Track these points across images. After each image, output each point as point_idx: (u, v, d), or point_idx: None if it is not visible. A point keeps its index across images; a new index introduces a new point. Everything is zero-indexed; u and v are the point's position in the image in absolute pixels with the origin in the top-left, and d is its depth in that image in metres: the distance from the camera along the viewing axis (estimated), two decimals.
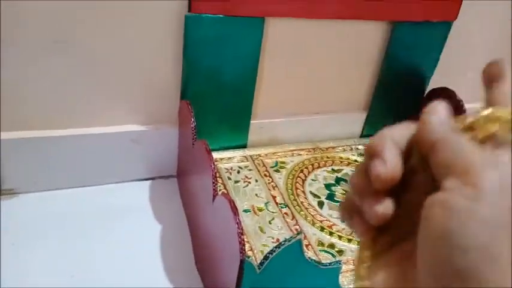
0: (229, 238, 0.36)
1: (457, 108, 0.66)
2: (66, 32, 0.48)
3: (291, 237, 0.35)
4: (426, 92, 0.71)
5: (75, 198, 0.55)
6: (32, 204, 0.53)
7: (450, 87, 0.68)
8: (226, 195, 0.37)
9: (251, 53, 0.56)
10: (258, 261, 0.36)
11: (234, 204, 0.36)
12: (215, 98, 0.57)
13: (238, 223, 0.35)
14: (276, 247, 0.35)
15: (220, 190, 0.54)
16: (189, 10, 0.49)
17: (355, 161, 0.65)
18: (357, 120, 0.70)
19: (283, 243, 0.35)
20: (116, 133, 0.56)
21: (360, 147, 0.69)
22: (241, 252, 0.34)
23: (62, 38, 0.48)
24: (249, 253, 0.46)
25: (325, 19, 0.58)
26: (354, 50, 0.64)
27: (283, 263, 0.36)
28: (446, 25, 0.65)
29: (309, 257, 0.37)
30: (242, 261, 0.34)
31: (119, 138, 0.56)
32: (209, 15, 0.51)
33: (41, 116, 0.52)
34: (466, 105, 0.66)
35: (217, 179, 0.56)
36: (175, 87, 0.56)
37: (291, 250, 0.35)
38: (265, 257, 0.35)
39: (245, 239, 0.47)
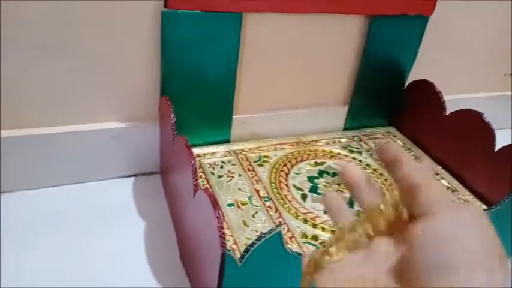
0: (210, 232, 0.36)
1: (437, 99, 0.67)
2: (47, 36, 0.47)
3: (271, 229, 0.35)
4: (406, 84, 0.72)
5: (58, 197, 0.55)
6: (12, 203, 0.52)
7: (429, 79, 0.69)
8: (207, 190, 0.37)
9: (231, 48, 0.56)
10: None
11: (215, 198, 0.36)
12: (196, 93, 0.57)
13: (219, 217, 0.35)
14: (256, 240, 0.35)
15: (203, 185, 0.54)
16: (165, 6, 0.49)
17: (338, 153, 0.66)
18: (339, 114, 0.71)
19: (263, 235, 0.35)
20: (96, 130, 0.56)
21: (343, 140, 0.70)
22: (221, 246, 0.34)
23: (43, 43, 0.47)
24: (234, 246, 0.46)
25: (303, 13, 0.58)
26: (333, 44, 0.64)
27: (264, 255, 0.36)
28: (423, 19, 0.66)
29: (290, 249, 0.37)
30: (223, 255, 0.34)
31: (99, 135, 0.56)
32: (185, 11, 0.50)
33: (20, 115, 0.51)
34: (445, 97, 0.67)
35: (200, 174, 0.56)
36: (154, 84, 0.56)
37: (272, 242, 0.35)
38: (246, 250, 0.35)
39: (229, 233, 0.48)
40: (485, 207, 0.59)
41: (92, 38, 0.50)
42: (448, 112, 0.66)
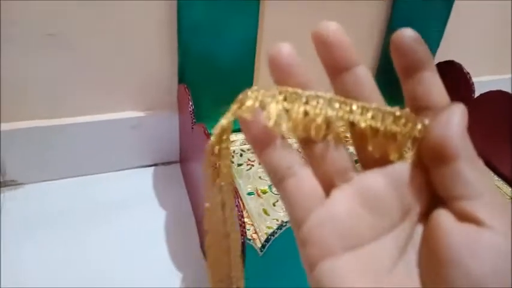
0: None
1: (465, 81, 0.64)
2: (61, 25, 0.47)
3: None
4: None
5: (78, 188, 0.55)
6: (35, 194, 0.53)
7: (457, 60, 0.66)
8: None
9: (248, 34, 0.55)
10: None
11: (234, 187, 0.35)
12: (214, 81, 0.56)
13: (238, 206, 0.34)
14: (277, 229, 0.34)
15: None
16: None
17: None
18: None
19: (284, 224, 0.34)
20: (116, 120, 0.55)
21: None
22: (242, 235, 0.34)
23: (57, 31, 0.47)
24: (254, 236, 0.45)
25: None
26: (355, 28, 0.62)
27: (285, 244, 0.35)
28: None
29: None
30: (243, 244, 0.34)
31: (119, 125, 0.56)
32: None
33: (40, 106, 0.52)
34: (474, 79, 0.64)
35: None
36: (172, 72, 0.55)
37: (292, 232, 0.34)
38: (267, 239, 0.34)
39: (249, 222, 0.47)
40: None
41: (110, 31, 0.49)
42: (476, 94, 0.63)
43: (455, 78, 0.65)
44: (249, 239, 0.34)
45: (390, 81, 0.76)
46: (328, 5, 0.58)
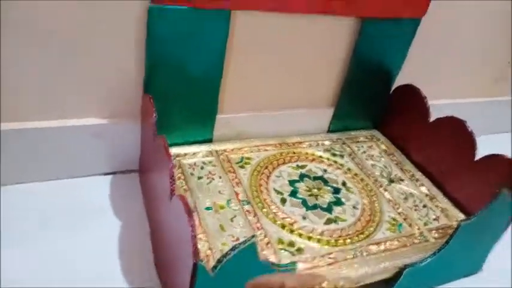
0: (183, 240, 0.36)
1: (422, 105, 0.67)
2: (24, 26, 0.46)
3: (245, 240, 0.35)
4: (392, 89, 0.72)
5: (35, 193, 0.54)
6: None
7: (417, 83, 0.69)
8: (182, 196, 0.37)
9: (217, 46, 0.55)
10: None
11: (189, 206, 0.35)
12: (180, 91, 0.56)
13: (192, 226, 0.34)
14: (230, 250, 0.34)
15: (181, 187, 0.54)
16: (152, 1, 0.48)
17: (320, 156, 0.65)
18: (325, 116, 0.71)
19: (237, 246, 0.34)
20: (77, 126, 0.54)
21: (326, 142, 0.69)
22: (194, 256, 0.34)
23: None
24: (208, 252, 0.46)
25: (293, 13, 0.57)
26: (322, 45, 0.63)
27: (238, 266, 0.36)
28: (415, 21, 0.66)
29: (264, 259, 0.37)
30: (195, 264, 0.34)
31: (79, 131, 0.55)
32: (173, 6, 0.49)
33: (6, 108, 0.50)
34: (432, 101, 0.67)
35: (179, 175, 0.56)
36: (138, 81, 0.54)
37: (246, 253, 0.35)
38: (219, 261, 0.35)
39: (204, 238, 0.47)
40: (462, 216, 0.59)
41: (76, 33, 0.48)
42: (433, 117, 0.66)
43: (413, 101, 0.68)
44: (201, 260, 0.34)
45: (354, 100, 0.79)
46: (297, 21, 0.59)
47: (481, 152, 0.59)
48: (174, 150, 0.59)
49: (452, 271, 0.54)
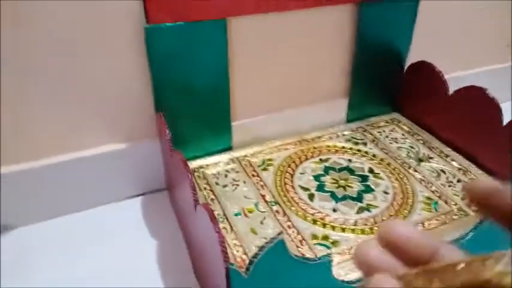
0: (213, 246, 0.36)
1: (438, 79, 0.65)
2: (33, 66, 0.48)
3: (272, 238, 0.34)
4: (405, 68, 0.71)
5: (69, 225, 0.55)
6: (28, 236, 0.53)
7: (429, 59, 0.67)
8: (205, 204, 0.37)
9: (219, 55, 0.56)
10: None
11: (212, 212, 0.36)
12: (191, 105, 0.57)
13: (219, 232, 0.34)
14: (259, 250, 0.34)
15: (208, 197, 0.54)
16: (147, 22, 0.49)
17: (343, 147, 0.64)
18: (340, 107, 0.70)
19: (265, 245, 0.34)
20: (99, 154, 0.56)
21: (346, 132, 0.68)
22: (225, 261, 0.34)
23: (27, 72, 0.48)
24: (243, 257, 0.46)
25: (288, 11, 0.57)
26: (324, 37, 0.63)
27: (270, 264, 0.35)
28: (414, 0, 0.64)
29: (296, 254, 0.36)
30: (227, 269, 0.34)
31: (103, 159, 0.56)
32: (169, 24, 0.50)
33: (23, 148, 0.52)
34: (448, 75, 0.66)
35: (205, 185, 0.56)
36: (149, 100, 0.55)
37: (275, 251, 0.35)
38: (250, 262, 0.35)
39: (238, 243, 0.47)
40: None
41: (82, 68, 0.50)
42: (451, 91, 0.64)
43: (428, 77, 0.66)
44: (232, 264, 0.34)
45: (367, 86, 0.78)
46: (295, 17, 0.59)
47: (506, 117, 0.57)
48: (196, 163, 0.60)
49: (498, 243, 0.51)
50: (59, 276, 0.48)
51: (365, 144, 0.65)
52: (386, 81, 0.71)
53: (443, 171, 0.60)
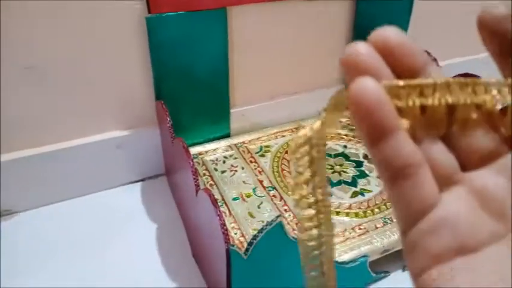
0: (214, 230, 0.37)
1: None
2: (39, 58, 0.49)
3: (271, 220, 0.36)
4: None
5: (71, 210, 0.57)
6: (29, 221, 0.54)
7: (425, 46, 0.68)
8: (206, 189, 0.39)
9: (219, 44, 0.56)
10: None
11: (214, 197, 0.37)
12: (191, 93, 0.58)
13: (220, 215, 0.36)
14: (258, 232, 0.36)
15: (207, 182, 0.56)
16: (149, 11, 0.50)
17: (339, 133, 0.66)
18: None
19: (264, 227, 0.36)
20: (100, 141, 0.57)
21: (342, 119, 0.70)
22: (225, 242, 0.36)
23: (35, 64, 0.49)
24: (241, 239, 0.47)
25: (287, 0, 0.58)
26: (322, 25, 0.64)
27: (269, 246, 0.37)
28: None
29: (293, 236, 0.38)
30: (228, 250, 0.36)
31: (104, 145, 0.57)
32: (170, 13, 0.51)
33: (27, 135, 0.53)
34: (443, 62, 0.67)
35: (204, 171, 0.58)
36: (149, 89, 0.56)
37: (274, 233, 0.36)
38: (250, 243, 0.36)
39: (236, 227, 0.49)
40: None
41: (84, 56, 0.51)
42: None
43: None
44: (233, 245, 0.36)
45: None
46: (291, 8, 0.59)
47: None
48: (196, 149, 0.61)
49: None
50: (59, 260, 0.49)
51: None
52: None
53: None
